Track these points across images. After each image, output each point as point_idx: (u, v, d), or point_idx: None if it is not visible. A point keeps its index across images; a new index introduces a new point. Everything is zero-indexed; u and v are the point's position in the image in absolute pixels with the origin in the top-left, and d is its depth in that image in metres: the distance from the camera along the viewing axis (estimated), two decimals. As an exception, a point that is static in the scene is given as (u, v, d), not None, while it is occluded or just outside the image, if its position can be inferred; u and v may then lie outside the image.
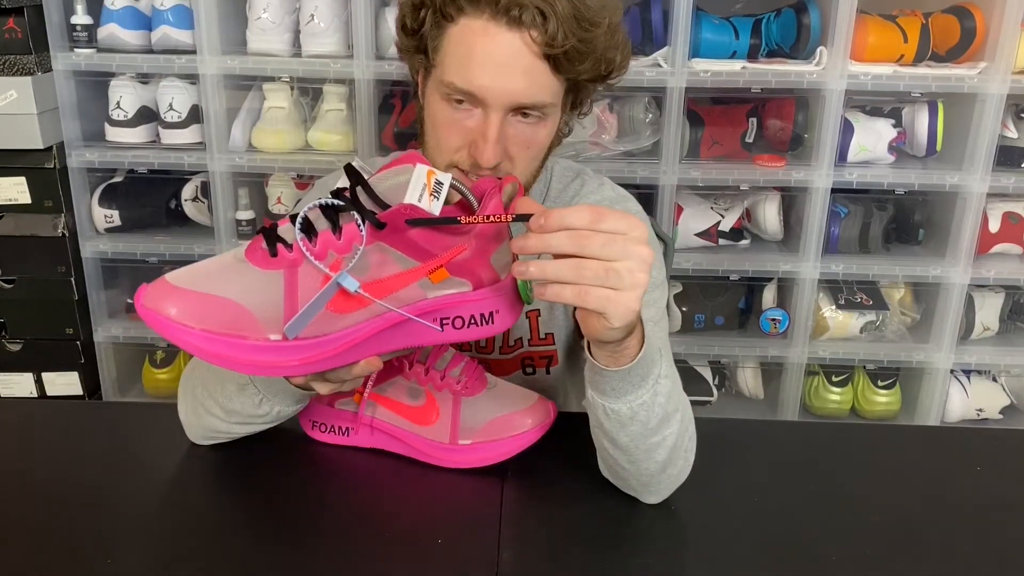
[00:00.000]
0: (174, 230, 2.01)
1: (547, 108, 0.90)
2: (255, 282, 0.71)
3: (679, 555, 0.81)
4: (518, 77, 0.86)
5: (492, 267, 0.76)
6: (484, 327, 0.77)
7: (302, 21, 1.79)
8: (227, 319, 0.69)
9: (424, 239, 0.73)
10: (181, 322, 0.69)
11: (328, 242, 0.71)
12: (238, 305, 0.69)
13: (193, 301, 0.70)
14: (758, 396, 2.11)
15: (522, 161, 0.92)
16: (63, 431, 1.02)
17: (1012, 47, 1.74)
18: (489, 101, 0.87)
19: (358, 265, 0.71)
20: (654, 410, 0.80)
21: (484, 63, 0.85)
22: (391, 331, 0.75)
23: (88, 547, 0.79)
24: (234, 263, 0.72)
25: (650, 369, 0.79)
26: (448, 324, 0.76)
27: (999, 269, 1.93)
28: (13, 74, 1.78)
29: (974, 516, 0.88)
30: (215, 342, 0.69)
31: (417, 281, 0.74)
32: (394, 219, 0.70)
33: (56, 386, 2.01)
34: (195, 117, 1.88)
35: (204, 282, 0.71)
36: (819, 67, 1.77)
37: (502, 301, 0.77)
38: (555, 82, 0.89)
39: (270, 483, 0.89)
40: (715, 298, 2.03)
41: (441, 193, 0.71)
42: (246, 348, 0.69)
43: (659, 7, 1.80)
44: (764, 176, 1.86)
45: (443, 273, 0.74)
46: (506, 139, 0.89)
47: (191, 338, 0.69)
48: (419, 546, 0.80)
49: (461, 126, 0.89)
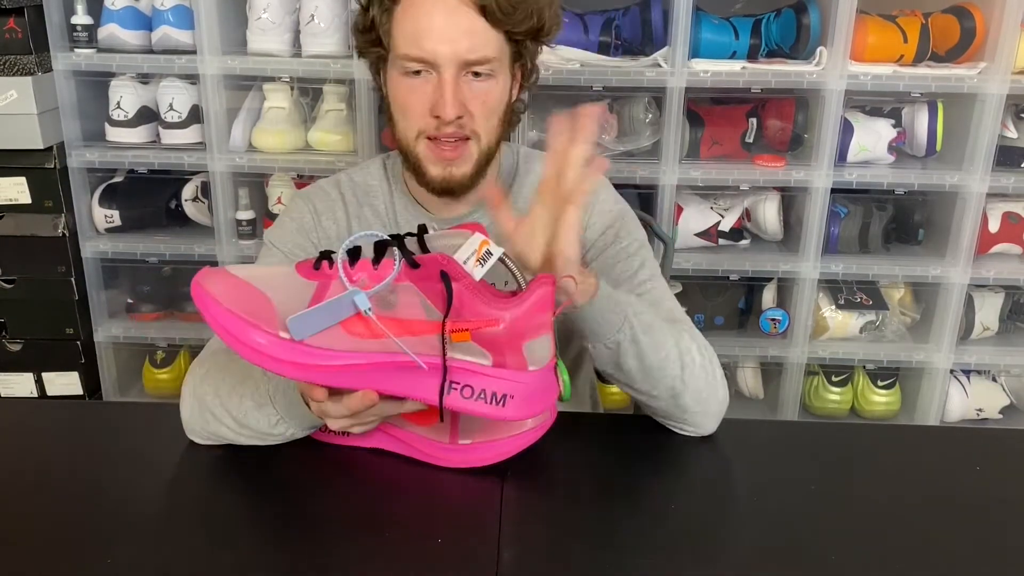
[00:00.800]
0: (174, 230, 2.01)
1: (493, 64, 0.99)
2: (291, 286, 0.75)
3: (679, 555, 0.81)
4: (462, 35, 0.96)
5: (523, 354, 0.77)
6: (493, 407, 0.77)
7: (302, 21, 1.80)
8: (252, 307, 0.73)
9: (459, 299, 0.74)
10: (215, 297, 0.74)
11: (365, 268, 0.75)
12: (267, 299, 0.74)
13: (233, 285, 0.75)
14: (758, 396, 2.11)
15: (480, 116, 1.01)
16: (63, 431, 1.02)
17: (1012, 47, 1.74)
18: (441, 62, 0.96)
19: (384, 298, 0.74)
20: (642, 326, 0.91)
21: (430, 29, 0.96)
22: (395, 372, 0.75)
23: (88, 547, 0.79)
24: (286, 270, 0.78)
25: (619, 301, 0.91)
26: (456, 389, 0.77)
27: (999, 269, 1.93)
28: (13, 74, 1.79)
29: (974, 516, 0.88)
30: (233, 321, 0.73)
31: (437, 334, 0.75)
32: (428, 264, 0.74)
33: (56, 386, 2.01)
34: (195, 117, 1.88)
35: (254, 275, 0.77)
36: (819, 67, 1.77)
37: (521, 389, 0.77)
38: (496, 37, 0.98)
39: (270, 483, 0.90)
40: (715, 298, 2.03)
41: (487, 262, 0.74)
42: (256, 334, 0.73)
43: (659, 7, 1.81)
44: (764, 176, 1.86)
45: (466, 336, 0.75)
46: (463, 96, 0.98)
47: (216, 312, 0.73)
48: (419, 546, 0.80)
49: (421, 93, 0.99)
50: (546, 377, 0.79)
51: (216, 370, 0.94)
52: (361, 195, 1.13)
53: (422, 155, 1.02)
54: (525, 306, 0.75)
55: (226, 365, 0.94)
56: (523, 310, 0.75)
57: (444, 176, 1.02)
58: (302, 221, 1.11)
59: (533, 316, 0.76)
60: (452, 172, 1.02)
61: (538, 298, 0.76)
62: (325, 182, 1.15)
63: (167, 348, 2.05)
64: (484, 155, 1.03)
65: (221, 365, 0.95)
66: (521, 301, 0.75)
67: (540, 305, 0.76)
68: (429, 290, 0.74)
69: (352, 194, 1.13)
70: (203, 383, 0.94)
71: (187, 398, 0.95)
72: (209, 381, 0.93)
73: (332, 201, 1.12)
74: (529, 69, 1.08)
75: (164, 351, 2.06)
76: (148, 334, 2.01)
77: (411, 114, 1.00)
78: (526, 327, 0.76)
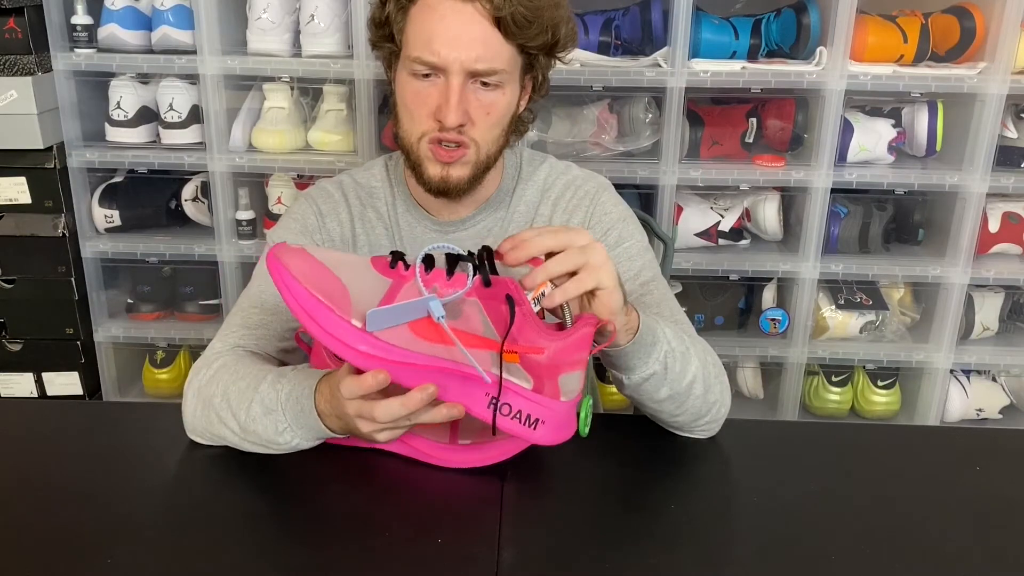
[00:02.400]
0: (174, 230, 2.01)
1: (502, 75, 0.99)
2: (367, 280, 0.79)
3: (679, 555, 0.81)
4: (474, 44, 0.96)
5: (558, 385, 0.82)
6: (526, 428, 0.81)
7: (302, 21, 1.80)
8: (330, 291, 0.76)
9: (518, 324, 0.79)
10: (294, 274, 0.76)
11: (438, 277, 0.79)
12: (344, 287, 0.77)
13: (312, 266, 0.78)
14: (758, 396, 2.11)
15: (483, 126, 1.01)
16: (63, 431, 1.02)
17: (1012, 47, 1.74)
18: (449, 68, 0.96)
19: (452, 307, 0.78)
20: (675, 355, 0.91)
21: (443, 34, 0.96)
22: (450, 379, 0.79)
23: (88, 547, 0.79)
24: (361, 261, 0.82)
25: (654, 328, 0.90)
26: (500, 405, 0.80)
27: (999, 269, 1.93)
28: (13, 74, 1.79)
29: (974, 516, 0.88)
30: (310, 301, 0.76)
31: (490, 351, 0.80)
32: (498, 286, 0.79)
33: (56, 386, 2.01)
34: (195, 117, 1.88)
35: (329, 259, 0.79)
36: (819, 67, 1.77)
37: (551, 416, 0.82)
38: (508, 49, 0.98)
39: (270, 483, 0.90)
40: (715, 298, 2.03)
41: (543, 298, 0.80)
42: (330, 318, 0.75)
43: (659, 7, 1.81)
44: (764, 176, 1.86)
45: (515, 358, 0.80)
46: (468, 104, 0.98)
47: (295, 289, 0.76)
48: (419, 546, 0.80)
49: (427, 96, 0.99)
50: (572, 410, 0.84)
51: (226, 373, 0.94)
52: (364, 196, 1.13)
53: (423, 154, 1.02)
54: (568, 341, 0.81)
55: (236, 369, 0.94)
56: (565, 344, 0.81)
57: (442, 176, 1.02)
58: (306, 222, 1.11)
59: (572, 352, 0.81)
60: (449, 173, 1.02)
61: (580, 337, 0.81)
62: (328, 183, 1.15)
63: (167, 348, 2.05)
64: (483, 162, 1.03)
65: (231, 369, 0.94)
66: (565, 336, 0.81)
67: (580, 343, 0.81)
68: (492, 309, 0.80)
69: (355, 195, 1.13)
70: (210, 384, 0.94)
71: (190, 399, 0.95)
72: (217, 383, 0.93)
73: (336, 202, 1.12)
74: (540, 81, 1.08)
75: (164, 351, 2.06)
76: (148, 334, 2.01)
77: (416, 116, 1.00)
78: (564, 360, 0.81)
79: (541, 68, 1.05)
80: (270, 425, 0.89)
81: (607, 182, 1.16)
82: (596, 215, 1.11)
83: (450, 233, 1.11)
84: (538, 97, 1.10)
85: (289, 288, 0.76)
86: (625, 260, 1.07)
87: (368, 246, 1.11)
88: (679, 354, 0.92)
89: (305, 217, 1.11)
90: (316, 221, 1.11)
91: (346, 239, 1.11)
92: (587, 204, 1.11)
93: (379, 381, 0.78)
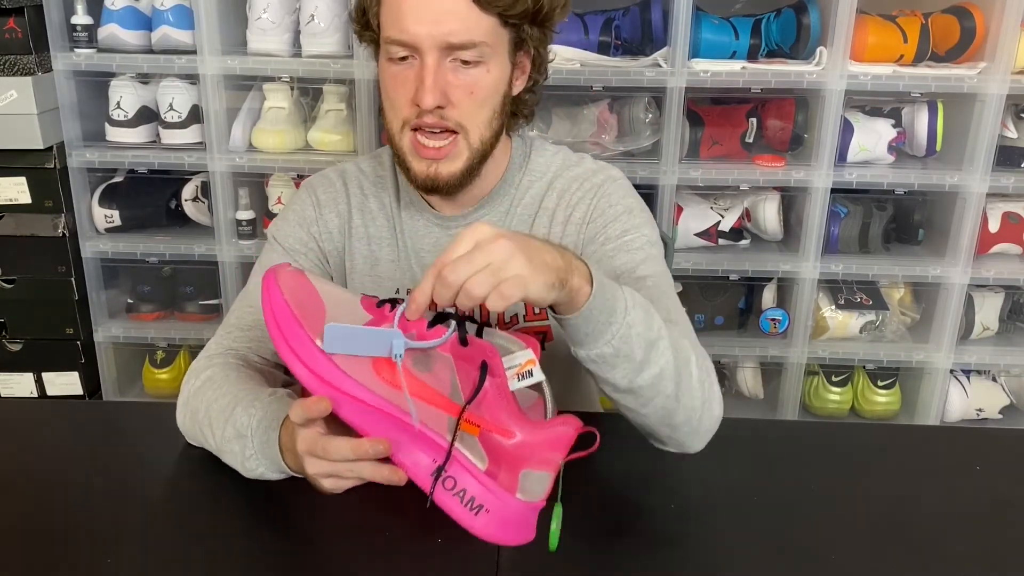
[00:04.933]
0: (174, 230, 2.01)
1: (482, 49, 0.93)
2: (350, 311, 0.77)
3: (679, 555, 0.81)
4: (445, 18, 0.91)
5: (517, 478, 0.75)
6: (468, 512, 0.74)
7: (302, 21, 1.79)
8: (307, 309, 0.75)
9: (487, 396, 0.74)
10: (279, 287, 0.75)
11: (419, 325, 0.75)
12: (323, 308, 0.76)
13: (301, 284, 0.77)
14: (758, 396, 2.11)
15: (467, 107, 0.95)
16: (63, 431, 1.02)
17: (1012, 47, 1.74)
18: (422, 45, 0.91)
19: (424, 359, 0.75)
20: (632, 340, 0.80)
21: (412, 9, 0.91)
22: (402, 433, 0.74)
23: (88, 547, 0.80)
24: (352, 297, 0.80)
25: (613, 306, 0.79)
26: (444, 477, 0.74)
27: (999, 269, 1.93)
28: (13, 74, 1.79)
29: (974, 516, 0.88)
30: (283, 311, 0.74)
31: (449, 415, 0.74)
32: (475, 349, 0.75)
33: (56, 386, 2.01)
34: (195, 117, 1.88)
35: (322, 286, 0.79)
36: (819, 67, 1.77)
37: (499, 509, 0.74)
38: (486, 20, 0.92)
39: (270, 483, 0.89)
40: (715, 298, 2.03)
41: (525, 380, 0.75)
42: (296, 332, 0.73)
43: (659, 7, 1.81)
44: (764, 176, 1.86)
45: (475, 431, 0.74)
46: (447, 85, 0.93)
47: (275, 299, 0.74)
48: (419, 546, 0.80)
49: (405, 80, 0.94)
50: (527, 513, 0.75)
51: (211, 387, 0.92)
52: (368, 186, 1.11)
53: (406, 148, 0.98)
54: (541, 435, 0.75)
55: (221, 384, 0.92)
56: (537, 438, 0.76)
57: (428, 174, 0.98)
58: (303, 214, 1.10)
59: (544, 449, 0.76)
60: (438, 170, 0.97)
61: (556, 435, 0.76)
62: (332, 171, 1.13)
63: (167, 348, 2.05)
64: (477, 152, 0.98)
65: (216, 383, 0.93)
66: (539, 428, 0.76)
67: (555, 442, 0.76)
68: (464, 373, 0.75)
69: (358, 185, 1.11)
70: (196, 397, 0.93)
71: (181, 406, 0.95)
72: (202, 398, 0.92)
73: (336, 192, 1.10)
74: (538, 58, 1.01)
75: (164, 351, 2.06)
76: (148, 334, 2.00)
77: (395, 102, 0.96)
78: (532, 455, 0.75)
79: (533, 42, 0.98)
80: (239, 450, 0.87)
81: (619, 174, 1.10)
82: (599, 208, 1.05)
83: (452, 228, 1.08)
84: (539, 77, 1.04)
85: (270, 295, 0.74)
86: (623, 252, 1.01)
87: (366, 238, 1.09)
88: (642, 341, 0.81)
89: (303, 210, 1.10)
90: (314, 213, 1.09)
91: (343, 230, 1.09)
92: (591, 197, 1.06)
93: (320, 408, 0.73)
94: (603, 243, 1.03)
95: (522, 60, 1.00)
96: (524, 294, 0.72)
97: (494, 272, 0.70)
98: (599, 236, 1.04)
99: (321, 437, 0.77)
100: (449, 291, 0.71)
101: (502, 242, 0.72)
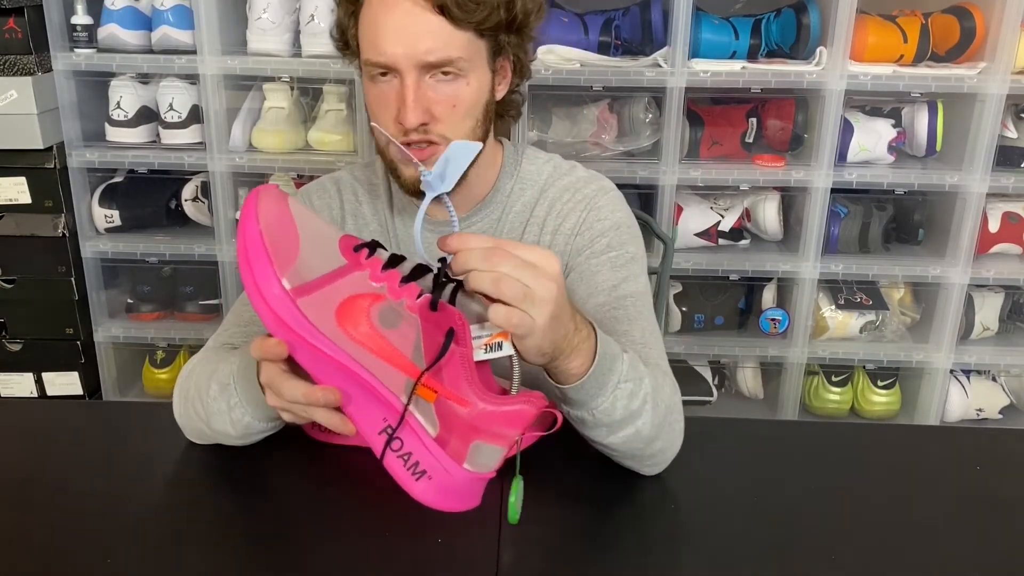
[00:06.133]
0: (174, 230, 2.01)
1: (459, 63, 0.93)
2: (326, 251, 0.73)
3: (679, 555, 0.81)
4: (420, 37, 0.91)
5: (468, 450, 0.73)
6: (409, 475, 0.72)
7: (302, 21, 1.80)
8: (281, 243, 0.71)
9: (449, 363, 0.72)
10: (259, 214, 0.71)
11: (392, 278, 0.73)
12: (298, 245, 0.72)
13: (281, 215, 0.73)
14: (758, 396, 2.11)
15: (451, 121, 0.95)
16: (63, 431, 1.02)
17: (1012, 47, 1.74)
18: (399, 66, 0.92)
19: (390, 316, 0.72)
20: (615, 414, 0.83)
21: (387, 31, 0.91)
22: (355, 387, 0.72)
23: (88, 547, 0.80)
24: (332, 234, 0.75)
25: (606, 379, 0.81)
26: (393, 438, 0.72)
27: (999, 269, 1.93)
28: (13, 74, 1.79)
29: (974, 515, 0.88)
30: (256, 244, 0.70)
31: (408, 377, 0.72)
32: (444, 316, 0.72)
33: (56, 386, 2.01)
34: (195, 117, 1.88)
35: (304, 219, 0.74)
36: (819, 67, 1.77)
37: (442, 477, 0.72)
38: (461, 36, 0.92)
39: (270, 483, 0.90)
40: (715, 298, 2.03)
41: (493, 352, 0.72)
42: (264, 268, 0.70)
43: (659, 7, 1.81)
44: (764, 176, 1.86)
45: (431, 396, 0.72)
46: (428, 101, 0.93)
47: (248, 228, 0.71)
48: (419, 546, 0.80)
49: (387, 98, 0.94)
50: (473, 485, 0.74)
51: (200, 366, 0.93)
52: (361, 192, 1.12)
53: (397, 157, 0.99)
54: (500, 409, 0.73)
55: (209, 362, 0.93)
56: (495, 411, 0.73)
57: (416, 177, 0.96)
58: None
59: (501, 423, 0.73)
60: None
61: (516, 412, 0.73)
62: (327, 178, 1.14)
63: (167, 348, 2.05)
64: None
65: (206, 362, 0.94)
66: (499, 402, 0.73)
67: (514, 418, 0.73)
68: (429, 336, 0.72)
69: (352, 191, 1.12)
70: (188, 378, 0.94)
71: (176, 396, 0.95)
72: (192, 377, 0.93)
73: (330, 198, 1.11)
74: (518, 62, 1.02)
75: (164, 351, 2.06)
76: (148, 334, 2.01)
77: (380, 122, 0.96)
78: (488, 428, 0.73)
79: (512, 48, 0.99)
80: (224, 406, 0.86)
81: (610, 186, 1.11)
82: (588, 220, 1.06)
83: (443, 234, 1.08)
84: (520, 81, 1.04)
85: (246, 225, 0.71)
86: (608, 269, 1.02)
87: None
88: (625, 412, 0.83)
89: None
90: None
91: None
92: (582, 208, 1.06)
93: (277, 352, 0.72)
94: (589, 257, 1.04)
95: (502, 66, 1.01)
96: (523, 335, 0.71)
97: (527, 297, 0.70)
98: (586, 250, 1.05)
99: (279, 374, 0.75)
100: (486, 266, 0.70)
101: (552, 285, 0.72)
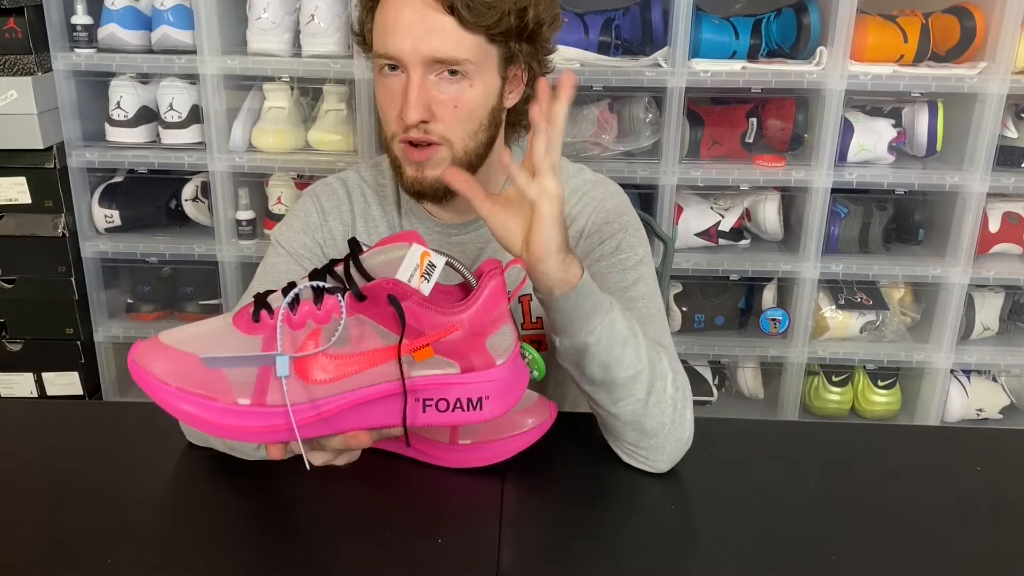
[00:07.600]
0: (174, 230, 2.01)
1: (466, 65, 0.94)
2: (236, 347, 0.72)
3: (679, 555, 0.81)
4: (428, 35, 0.92)
5: (488, 351, 0.75)
6: (471, 412, 0.75)
7: (302, 21, 1.80)
8: (202, 379, 0.70)
9: (413, 316, 0.72)
10: (161, 379, 0.70)
11: (309, 312, 0.72)
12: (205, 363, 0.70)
13: (176, 360, 0.71)
14: (758, 396, 2.11)
15: (451, 121, 0.96)
16: (63, 431, 1.02)
17: (1012, 47, 1.74)
18: (406, 60, 0.93)
19: (341, 336, 0.71)
20: (614, 335, 0.85)
21: (397, 26, 0.93)
22: (367, 407, 0.73)
23: (88, 547, 0.79)
24: (223, 327, 0.73)
25: (598, 303, 0.85)
26: (431, 406, 0.74)
27: (999, 269, 1.93)
28: (13, 74, 1.79)
29: (974, 515, 0.88)
30: (189, 401, 0.70)
31: (398, 357, 0.72)
32: (375, 293, 0.71)
33: (56, 386, 2.01)
34: (195, 117, 1.88)
35: (191, 343, 0.72)
36: (819, 67, 1.77)
37: (494, 387, 0.75)
38: (471, 39, 0.94)
39: (270, 483, 0.89)
40: (715, 298, 2.03)
41: (432, 275, 0.72)
42: (215, 410, 0.70)
43: (659, 7, 1.81)
44: (764, 176, 1.86)
45: (428, 352, 0.73)
46: (431, 99, 0.94)
47: (167, 395, 0.70)
48: (419, 546, 0.80)
49: (393, 93, 0.96)
50: (515, 366, 0.77)
51: None
52: (370, 194, 1.11)
53: (400, 155, 0.99)
54: (478, 305, 0.74)
55: None
56: (477, 309, 0.74)
57: (416, 178, 0.99)
58: (308, 220, 1.10)
59: (488, 312, 0.75)
60: (424, 174, 0.98)
61: (490, 293, 0.75)
62: (334, 179, 1.14)
63: (167, 348, 2.05)
64: (461, 161, 0.98)
65: None
66: (474, 301, 0.74)
67: (493, 299, 0.75)
68: (381, 316, 0.72)
69: (360, 193, 1.11)
70: None
71: None
72: None
73: (339, 200, 1.11)
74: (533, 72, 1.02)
75: (164, 351, 2.06)
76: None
77: (386, 116, 0.98)
78: (484, 324, 0.75)
79: (524, 57, 0.99)
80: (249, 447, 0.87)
81: (618, 190, 1.11)
82: (596, 223, 1.07)
83: (452, 236, 1.08)
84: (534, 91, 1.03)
85: (159, 396, 0.70)
86: (618, 271, 1.03)
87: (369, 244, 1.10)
88: (623, 339, 0.86)
89: (308, 215, 1.10)
90: (319, 219, 1.10)
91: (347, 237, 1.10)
92: (589, 211, 1.07)
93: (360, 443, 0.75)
94: (597, 259, 1.05)
95: (515, 74, 1.01)
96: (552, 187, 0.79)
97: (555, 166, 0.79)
98: (594, 252, 1.05)
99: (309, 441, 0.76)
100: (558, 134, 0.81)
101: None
